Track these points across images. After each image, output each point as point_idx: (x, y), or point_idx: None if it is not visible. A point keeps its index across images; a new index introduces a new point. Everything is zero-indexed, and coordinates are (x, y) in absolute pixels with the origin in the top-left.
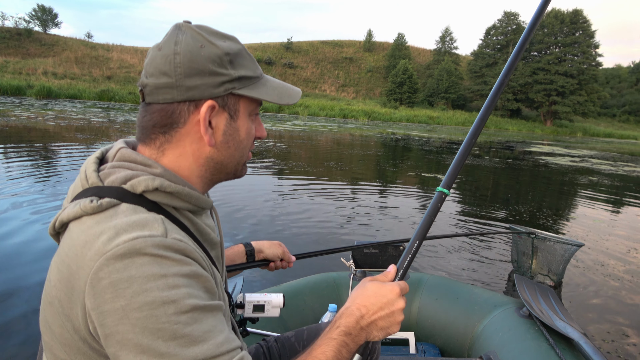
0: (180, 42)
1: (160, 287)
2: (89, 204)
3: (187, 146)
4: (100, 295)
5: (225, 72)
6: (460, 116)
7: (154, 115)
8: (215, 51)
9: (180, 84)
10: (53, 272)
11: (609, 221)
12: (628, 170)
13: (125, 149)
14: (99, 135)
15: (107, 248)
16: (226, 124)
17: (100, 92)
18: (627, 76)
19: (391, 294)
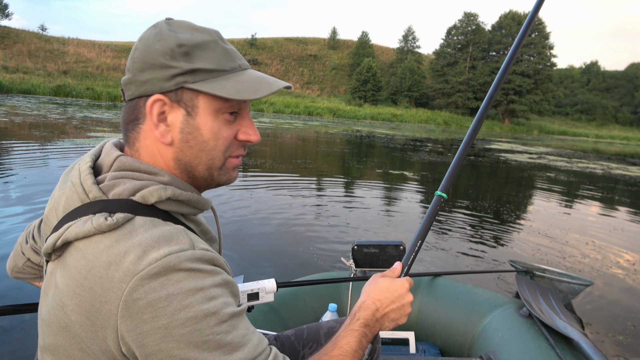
0: (143, 38)
1: (200, 300)
2: (104, 221)
3: (152, 145)
4: (137, 316)
5: (176, 64)
6: (423, 114)
7: (124, 112)
8: (168, 43)
9: (136, 79)
10: (68, 297)
11: (592, 216)
12: (582, 167)
13: (123, 156)
14: (56, 133)
15: (139, 268)
16: (182, 122)
17: (56, 88)
18: (579, 76)
19: (402, 288)
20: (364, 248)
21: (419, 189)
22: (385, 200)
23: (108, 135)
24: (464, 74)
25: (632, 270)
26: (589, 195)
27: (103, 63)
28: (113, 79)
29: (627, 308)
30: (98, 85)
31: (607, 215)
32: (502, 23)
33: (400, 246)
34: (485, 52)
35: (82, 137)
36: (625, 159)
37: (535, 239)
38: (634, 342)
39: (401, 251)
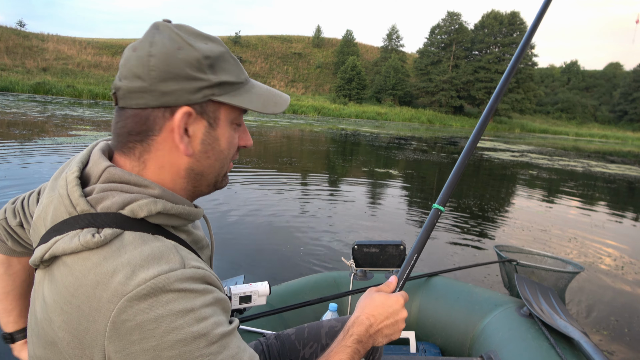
0: (155, 43)
1: (190, 322)
2: (92, 239)
3: (165, 156)
4: (125, 337)
5: (204, 77)
6: (407, 112)
7: (127, 121)
8: (193, 54)
9: (154, 89)
10: (55, 313)
11: (575, 212)
12: (563, 165)
13: (113, 167)
14: (36, 131)
15: (128, 289)
16: (205, 133)
17: (36, 85)
18: (559, 76)
19: (396, 304)
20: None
21: (409, 187)
22: (385, 199)
23: (90, 134)
24: (448, 73)
25: (626, 267)
26: (571, 192)
27: (84, 60)
28: (94, 77)
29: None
30: (79, 82)
31: (587, 212)
32: (484, 22)
33: (401, 246)
34: (468, 51)
35: (63, 136)
36: (604, 157)
37: (521, 235)
38: (634, 342)
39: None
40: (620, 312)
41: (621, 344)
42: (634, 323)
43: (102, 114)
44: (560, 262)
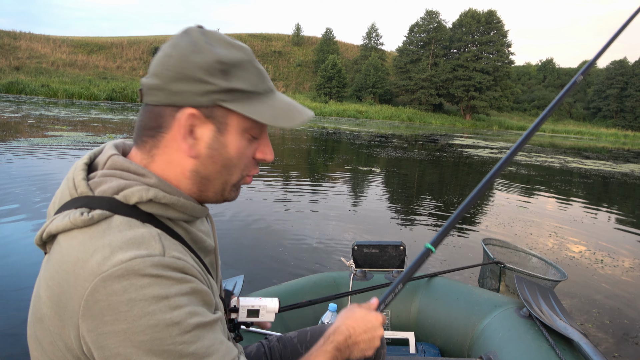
0: (177, 45)
1: (163, 309)
2: (80, 217)
3: (173, 154)
4: (98, 317)
5: (214, 81)
6: (387, 110)
7: (144, 117)
8: (208, 58)
9: (166, 87)
10: (42, 288)
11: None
12: (541, 161)
13: (116, 156)
14: (11, 132)
15: (103, 268)
16: (212, 137)
17: (8, 84)
18: (535, 73)
19: (375, 321)
20: (364, 248)
21: (389, 184)
22: (363, 197)
23: (67, 134)
24: (427, 71)
25: (629, 267)
26: (549, 187)
27: (59, 59)
28: (70, 76)
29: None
30: (54, 82)
31: (565, 206)
32: (462, 21)
33: (400, 246)
34: (447, 50)
35: (39, 137)
36: (580, 153)
37: (503, 232)
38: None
39: (401, 251)
40: (621, 312)
41: (621, 344)
42: (633, 324)
43: (79, 114)
44: (545, 265)
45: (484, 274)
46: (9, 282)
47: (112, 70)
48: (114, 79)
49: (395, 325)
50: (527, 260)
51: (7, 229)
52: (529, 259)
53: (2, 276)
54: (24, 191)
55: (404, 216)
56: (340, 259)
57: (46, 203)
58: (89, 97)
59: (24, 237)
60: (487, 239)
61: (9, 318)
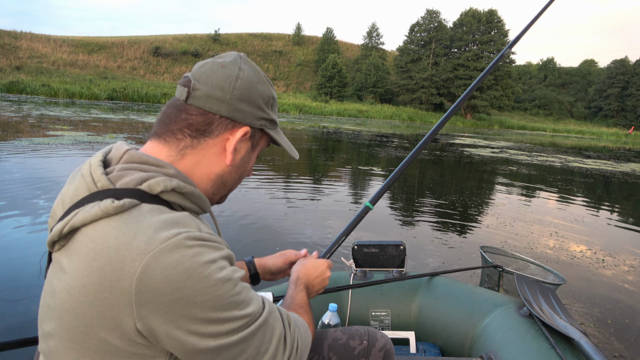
0: (243, 70)
1: (215, 271)
2: (111, 204)
3: (207, 157)
4: (155, 291)
5: (267, 111)
6: (388, 110)
7: (192, 116)
8: (267, 92)
9: (232, 103)
10: (75, 279)
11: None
12: (542, 160)
13: (133, 150)
14: (11, 132)
15: (152, 246)
16: (246, 152)
17: (9, 84)
18: (536, 73)
19: (322, 266)
20: (364, 248)
21: (400, 185)
22: (364, 196)
23: (68, 134)
24: (428, 70)
25: (626, 267)
26: (550, 187)
27: (59, 59)
28: (70, 75)
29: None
30: (54, 81)
31: (567, 206)
32: (462, 20)
33: (401, 246)
34: (448, 49)
35: (40, 136)
36: (581, 152)
37: (504, 232)
38: (634, 343)
39: (401, 251)
40: (621, 312)
41: (621, 344)
42: (634, 323)
43: (80, 114)
44: (543, 271)
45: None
46: (11, 281)
47: (112, 70)
48: (114, 79)
49: (396, 325)
50: (526, 267)
51: (6, 228)
52: (527, 266)
53: (3, 275)
54: (23, 190)
55: (404, 216)
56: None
57: (46, 202)
58: (89, 97)
59: (25, 236)
60: (484, 247)
61: (11, 317)
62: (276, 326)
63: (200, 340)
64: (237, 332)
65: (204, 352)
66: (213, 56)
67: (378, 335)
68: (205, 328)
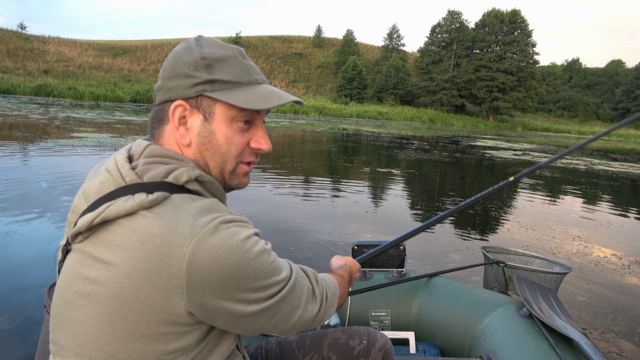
0: (174, 51)
1: (253, 244)
2: (146, 198)
3: (172, 143)
4: (204, 270)
5: (198, 74)
6: (409, 112)
7: (152, 114)
8: (194, 56)
9: (164, 86)
10: (119, 267)
11: (576, 212)
12: (565, 163)
13: (153, 145)
14: (38, 133)
15: (196, 231)
16: (200, 126)
17: (37, 87)
18: (561, 74)
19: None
20: (364, 248)
21: (410, 186)
22: (380, 199)
23: (92, 136)
24: (449, 72)
25: (628, 267)
26: (574, 191)
27: (85, 62)
28: (95, 78)
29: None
30: (80, 84)
31: (591, 211)
32: (485, 21)
33: (400, 246)
34: (469, 50)
35: (65, 138)
36: (607, 155)
37: (524, 235)
38: (634, 343)
39: (401, 251)
40: (621, 312)
41: (621, 344)
42: (634, 324)
43: (104, 116)
44: (548, 263)
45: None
46: (33, 276)
47: (136, 73)
48: (138, 82)
49: (396, 325)
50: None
51: (31, 226)
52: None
53: (25, 271)
54: (48, 190)
55: (405, 215)
56: None
57: (66, 201)
58: (113, 99)
59: (47, 233)
60: (486, 247)
61: (29, 312)
62: (303, 283)
63: (246, 306)
64: (276, 295)
65: (248, 316)
66: None
67: (378, 335)
68: (250, 296)
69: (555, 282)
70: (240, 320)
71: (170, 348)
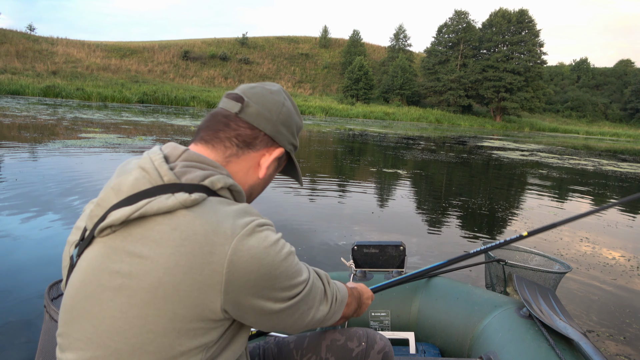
0: (286, 100)
1: (283, 246)
2: (189, 197)
3: (244, 168)
4: (243, 268)
5: (295, 138)
6: (415, 112)
7: (241, 129)
8: (300, 123)
9: (275, 125)
10: (158, 262)
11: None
12: (573, 163)
13: (191, 151)
14: (47, 134)
15: (237, 231)
16: (273, 170)
17: (46, 88)
18: (569, 74)
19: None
20: (364, 248)
21: (413, 187)
22: (381, 199)
23: (99, 136)
24: (456, 72)
25: (635, 268)
26: (582, 191)
27: (93, 63)
28: (103, 79)
29: (627, 307)
30: (88, 85)
31: (600, 212)
32: (492, 21)
33: (400, 246)
34: (476, 50)
35: (73, 138)
36: (616, 155)
37: (532, 237)
38: (634, 343)
39: (401, 251)
40: (621, 312)
41: (621, 345)
42: (634, 324)
43: (111, 116)
44: (548, 260)
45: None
46: (34, 276)
47: (143, 74)
48: (145, 82)
49: (395, 326)
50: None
51: (33, 226)
52: (532, 257)
53: (25, 271)
54: (53, 190)
55: (405, 215)
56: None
57: (76, 200)
58: (121, 100)
59: (49, 233)
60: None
61: (29, 312)
62: (318, 285)
63: (274, 304)
64: (299, 294)
65: (274, 313)
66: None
67: (377, 338)
68: (279, 294)
69: (554, 280)
70: (267, 317)
71: (195, 343)
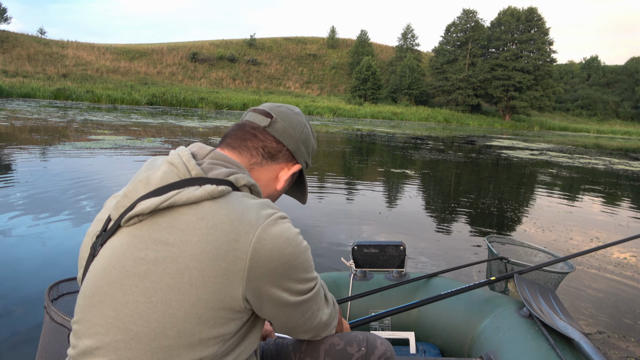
0: (307, 122)
1: (301, 240)
2: (216, 188)
3: (265, 178)
4: (266, 256)
5: (309, 157)
6: (424, 112)
7: (268, 141)
8: (314, 144)
9: (297, 143)
10: (185, 249)
11: (582, 212)
12: (584, 162)
13: (217, 151)
14: (57, 136)
15: (260, 221)
16: (287, 184)
17: (56, 91)
18: (579, 72)
19: (345, 324)
20: (364, 248)
21: (420, 187)
22: (386, 199)
23: (109, 138)
24: (464, 71)
25: (633, 267)
26: (593, 191)
27: (102, 66)
28: (112, 82)
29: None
30: (98, 88)
31: (611, 211)
32: (500, 19)
33: (400, 246)
34: (485, 49)
35: (83, 140)
36: (627, 154)
37: (541, 235)
38: (634, 343)
39: (401, 251)
40: (622, 313)
41: (621, 344)
42: (634, 324)
43: (121, 118)
44: (552, 258)
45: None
46: (34, 277)
47: (152, 76)
48: (154, 84)
49: (396, 326)
50: (534, 256)
51: (35, 226)
52: (535, 253)
53: (25, 271)
54: (62, 191)
55: (405, 215)
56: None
57: (86, 202)
58: (130, 102)
59: (51, 234)
60: (490, 236)
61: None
62: (323, 286)
63: (290, 296)
64: (312, 290)
65: (290, 306)
66: None
67: (377, 342)
68: (296, 286)
69: (556, 279)
70: (282, 309)
71: (214, 333)
